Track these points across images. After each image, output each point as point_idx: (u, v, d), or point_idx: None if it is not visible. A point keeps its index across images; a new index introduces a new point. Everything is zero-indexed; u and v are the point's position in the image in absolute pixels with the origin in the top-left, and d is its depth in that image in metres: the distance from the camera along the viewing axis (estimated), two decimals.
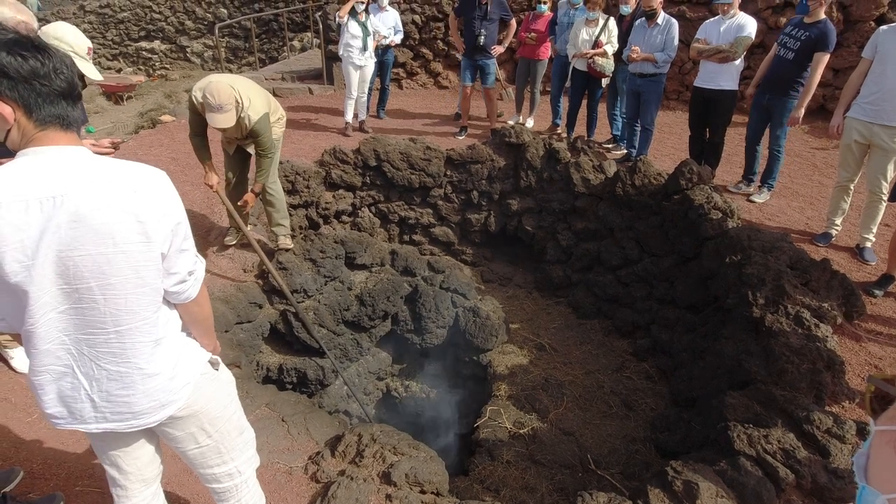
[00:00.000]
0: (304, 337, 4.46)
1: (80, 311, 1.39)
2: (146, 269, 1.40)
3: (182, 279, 1.52)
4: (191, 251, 1.52)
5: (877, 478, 0.66)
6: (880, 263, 4.05)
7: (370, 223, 5.92)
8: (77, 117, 1.39)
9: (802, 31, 4.49)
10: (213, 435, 1.76)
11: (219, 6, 15.13)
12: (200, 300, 1.64)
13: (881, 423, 0.67)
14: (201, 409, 1.69)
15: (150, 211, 1.36)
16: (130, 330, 1.45)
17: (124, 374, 1.49)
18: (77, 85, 1.38)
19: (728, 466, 2.61)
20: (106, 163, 1.38)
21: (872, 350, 3.35)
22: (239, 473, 1.91)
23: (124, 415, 1.54)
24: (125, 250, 1.35)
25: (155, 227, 1.37)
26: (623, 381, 4.45)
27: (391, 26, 7.13)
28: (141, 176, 1.39)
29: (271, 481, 2.85)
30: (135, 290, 1.41)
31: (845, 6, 6.82)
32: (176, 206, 1.44)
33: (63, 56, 1.36)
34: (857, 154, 4.09)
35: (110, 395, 1.51)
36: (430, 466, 3.05)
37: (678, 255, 4.61)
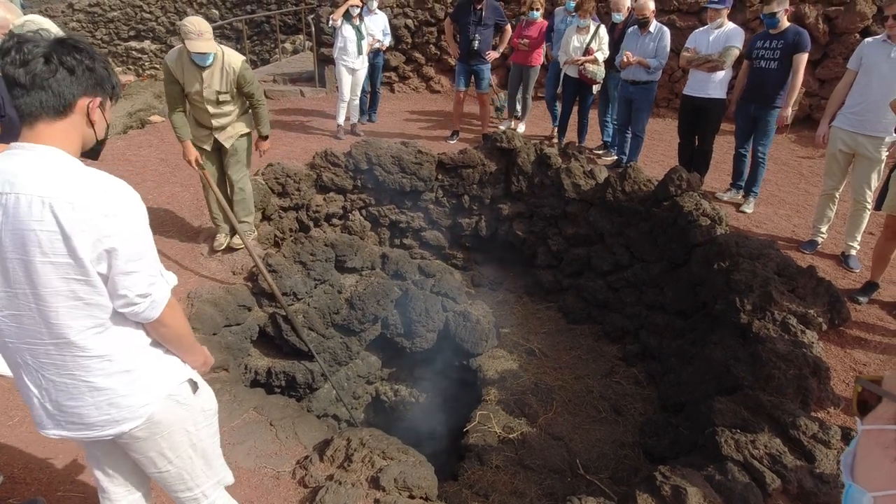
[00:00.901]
0: (294, 340, 4.43)
1: (19, 319, 1.37)
2: (78, 284, 1.34)
3: (130, 302, 1.41)
4: (141, 273, 1.40)
5: (863, 476, 0.67)
6: (864, 271, 4.12)
7: (361, 226, 5.90)
8: (27, 106, 1.33)
9: (776, 40, 4.61)
10: (174, 461, 1.66)
11: (210, 7, 15.06)
12: (166, 321, 1.50)
13: (868, 422, 0.69)
14: (162, 432, 1.59)
15: (81, 230, 1.29)
16: (68, 344, 1.40)
17: (70, 385, 1.45)
18: (31, 70, 1.32)
19: (715, 471, 2.63)
20: (62, 172, 1.32)
21: (857, 356, 3.40)
22: (205, 497, 1.81)
23: (77, 425, 1.50)
24: (53, 262, 1.30)
25: (83, 247, 1.30)
26: (612, 385, 4.47)
27: (380, 29, 7.16)
28: (88, 194, 1.31)
29: (258, 486, 2.83)
30: (66, 303, 1.35)
31: (831, 18, 6.94)
32: (119, 228, 1.33)
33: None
34: (841, 163, 4.16)
35: (60, 405, 1.47)
36: (419, 471, 3.04)
37: (667, 262, 4.65)
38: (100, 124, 1.47)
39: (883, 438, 0.65)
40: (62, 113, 1.37)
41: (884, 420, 0.66)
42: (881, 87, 3.79)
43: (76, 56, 1.36)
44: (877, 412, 0.68)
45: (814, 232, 4.47)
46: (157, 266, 1.48)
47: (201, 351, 1.72)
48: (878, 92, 3.82)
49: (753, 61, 4.80)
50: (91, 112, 1.42)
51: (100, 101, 1.44)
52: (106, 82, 1.46)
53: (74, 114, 1.39)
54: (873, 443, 0.67)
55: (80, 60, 1.37)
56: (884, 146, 3.88)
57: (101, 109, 1.46)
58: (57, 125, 1.37)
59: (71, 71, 1.35)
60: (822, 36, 6.95)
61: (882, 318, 3.67)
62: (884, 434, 0.65)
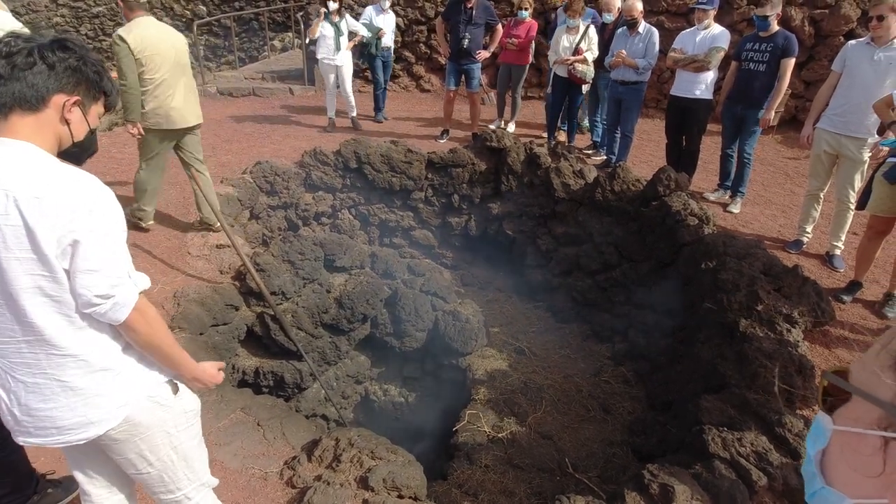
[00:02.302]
0: (282, 340, 4.39)
1: None
2: (44, 280, 1.31)
3: (89, 302, 1.35)
4: (102, 272, 1.34)
5: (841, 480, 0.63)
6: (848, 270, 4.17)
7: (350, 225, 5.87)
8: (1, 95, 1.32)
9: (766, 43, 4.66)
10: (154, 464, 1.62)
11: (198, 3, 14.89)
12: (134, 326, 1.44)
13: (842, 423, 0.63)
14: (142, 434, 1.55)
15: (45, 225, 1.27)
16: (40, 341, 1.36)
17: (42, 385, 1.40)
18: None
19: (703, 469, 2.65)
20: (28, 167, 1.30)
21: (841, 354, 3.44)
22: (187, 499, 1.77)
23: (48, 430, 1.45)
24: (18, 257, 1.28)
25: (47, 242, 1.28)
26: (601, 385, 4.49)
27: (391, 28, 7.30)
28: (55, 188, 1.29)
29: (245, 487, 2.80)
30: (34, 299, 1.32)
31: (816, 21, 7.03)
32: (83, 224, 1.30)
33: None
34: (826, 164, 4.21)
35: (30, 408, 1.42)
36: (407, 471, 3.03)
37: (656, 261, 4.68)
38: (78, 125, 1.45)
39: (864, 444, 0.59)
40: (35, 107, 1.35)
41: (864, 423, 0.60)
42: (863, 89, 3.84)
43: (59, 54, 1.36)
44: (852, 411, 0.62)
45: (799, 232, 4.52)
46: (125, 267, 1.43)
47: (186, 363, 1.61)
48: (860, 94, 3.86)
49: (742, 63, 4.84)
50: (67, 110, 1.40)
51: (77, 100, 1.41)
52: (93, 85, 1.44)
53: (49, 109, 1.37)
54: (852, 447, 0.61)
55: (62, 58, 1.36)
56: (866, 147, 3.94)
57: (83, 111, 1.45)
58: (29, 119, 1.35)
59: (50, 66, 1.35)
60: (808, 38, 7.04)
61: (865, 317, 3.72)
62: (864, 439, 0.59)
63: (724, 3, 6.86)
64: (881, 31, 3.72)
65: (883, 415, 0.57)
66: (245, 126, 7.34)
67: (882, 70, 3.77)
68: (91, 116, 1.49)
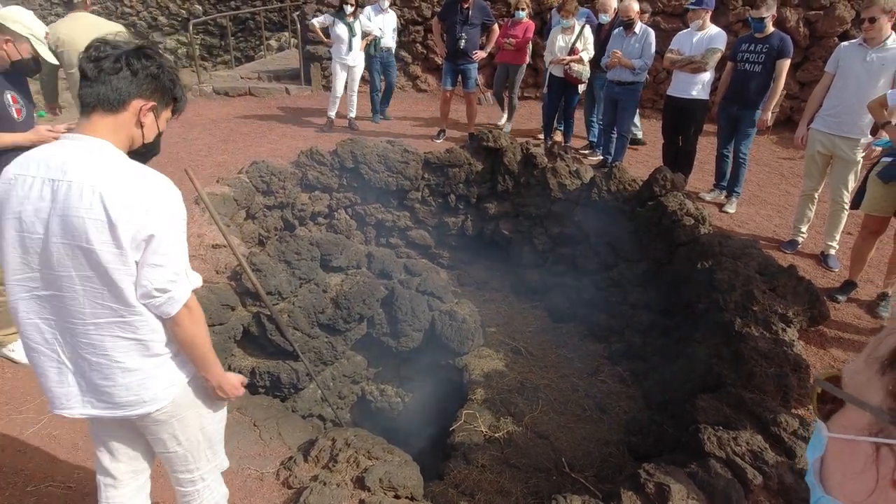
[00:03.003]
0: (278, 340, 4.38)
1: (61, 299, 1.45)
2: (118, 272, 1.42)
3: (149, 293, 1.46)
4: (166, 268, 1.46)
5: (836, 488, 0.62)
6: (843, 270, 4.19)
7: (346, 225, 5.86)
8: (87, 96, 1.45)
9: (762, 44, 4.68)
10: (182, 443, 1.74)
11: (193, 2, 14.85)
12: (180, 322, 1.54)
13: (836, 430, 0.62)
14: (178, 415, 1.68)
15: (126, 220, 1.38)
16: (109, 324, 1.48)
17: (104, 365, 1.52)
18: (90, 66, 1.45)
19: (699, 468, 2.66)
20: (112, 165, 1.42)
21: (836, 354, 3.46)
22: (202, 480, 1.90)
23: (107, 404, 1.58)
24: (98, 249, 1.39)
25: (125, 236, 1.39)
26: (597, 384, 4.49)
27: (392, 27, 7.22)
28: (134, 185, 1.41)
29: (242, 487, 2.79)
30: (107, 287, 1.44)
31: (811, 22, 7.07)
32: (157, 221, 1.42)
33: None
34: (820, 164, 4.24)
35: (92, 383, 1.55)
36: (404, 471, 3.02)
37: (652, 261, 4.69)
38: (150, 128, 1.57)
39: (857, 451, 0.59)
40: (116, 109, 1.47)
41: (856, 430, 0.59)
42: (856, 90, 3.87)
43: (143, 62, 1.49)
44: (845, 418, 0.62)
45: (794, 232, 4.54)
46: (184, 265, 1.54)
47: (216, 367, 1.68)
48: (853, 94, 3.89)
49: (738, 64, 4.86)
50: (142, 114, 1.52)
51: (152, 105, 1.54)
52: (167, 93, 1.57)
53: (127, 112, 1.49)
54: (847, 455, 0.60)
55: (145, 66, 1.49)
56: (859, 147, 3.96)
57: (155, 115, 1.57)
58: (108, 119, 1.47)
59: (134, 73, 1.47)
60: (803, 39, 7.07)
61: (860, 317, 3.74)
62: (859, 446, 0.58)
63: (719, 5, 6.88)
64: (873, 32, 3.76)
65: (873, 420, 0.57)
66: (241, 126, 7.32)
67: (875, 71, 3.80)
68: (161, 121, 1.61)
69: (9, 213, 1.41)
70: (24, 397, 3.02)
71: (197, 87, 8.97)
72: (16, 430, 2.81)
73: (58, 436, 2.81)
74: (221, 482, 2.06)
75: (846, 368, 0.64)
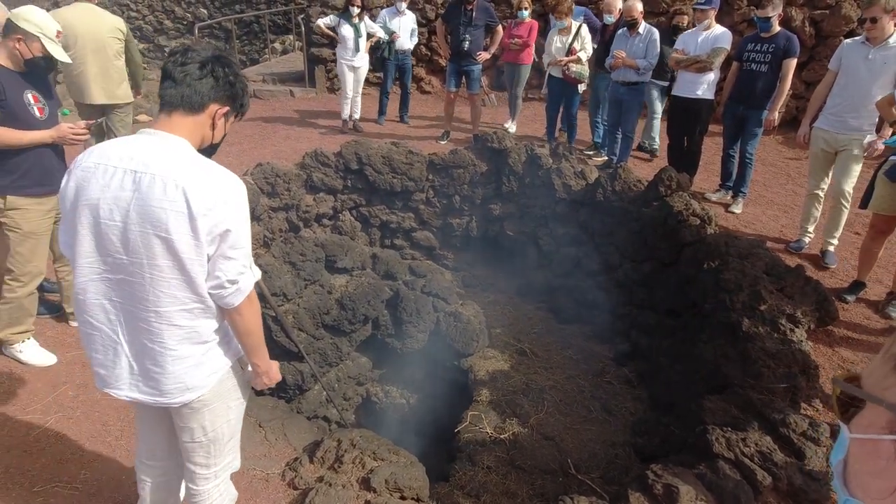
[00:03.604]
0: (283, 341, 4.38)
1: (131, 284, 1.53)
2: (192, 262, 1.50)
3: (221, 284, 1.55)
4: (237, 261, 1.55)
5: (863, 491, 0.61)
6: (850, 270, 4.16)
7: (351, 227, 5.86)
8: (170, 96, 1.55)
9: (768, 44, 4.65)
10: (209, 434, 1.80)
11: (199, 6, 14.93)
12: (243, 312, 1.64)
13: (857, 430, 0.62)
14: (211, 405, 1.75)
15: (205, 213, 1.46)
16: (169, 313, 1.55)
17: (157, 352, 1.60)
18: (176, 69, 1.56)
19: (707, 469, 2.63)
20: (192, 162, 1.52)
21: (845, 354, 3.43)
22: (216, 477, 1.95)
23: (153, 390, 1.65)
24: (176, 240, 1.46)
25: (204, 229, 1.47)
26: (603, 385, 4.47)
27: (409, 29, 7.17)
28: (213, 181, 1.51)
29: (247, 488, 2.79)
30: (178, 277, 1.51)
31: (817, 22, 7.04)
32: (233, 215, 1.52)
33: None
34: (823, 162, 4.21)
35: (144, 367, 1.63)
36: (410, 472, 3.01)
37: (657, 261, 4.67)
38: (219, 131, 1.70)
39: (879, 450, 0.58)
40: (196, 110, 1.58)
41: (876, 429, 0.59)
42: (858, 88, 3.85)
43: (225, 70, 1.60)
44: (865, 418, 0.61)
45: (801, 232, 4.51)
46: (250, 258, 1.64)
47: (266, 355, 1.82)
48: (855, 92, 3.87)
49: (743, 63, 4.84)
50: (217, 117, 1.64)
51: (226, 110, 1.66)
52: (238, 98, 1.69)
53: (204, 114, 1.60)
54: (868, 455, 0.60)
55: (226, 74, 1.61)
56: (861, 145, 3.92)
57: (225, 118, 1.68)
58: (188, 119, 1.58)
59: (216, 79, 1.59)
60: (809, 39, 7.04)
61: (869, 317, 3.71)
62: (879, 445, 0.58)
63: (724, 4, 6.86)
64: (875, 31, 3.74)
65: (893, 417, 0.57)
66: (246, 128, 7.34)
67: (876, 69, 3.78)
68: (228, 124, 1.74)
69: (85, 199, 1.49)
70: (31, 398, 3.03)
71: None
72: (22, 431, 2.82)
73: (64, 436, 2.82)
74: (231, 485, 2.09)
75: (866, 368, 0.64)
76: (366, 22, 6.69)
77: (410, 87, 7.80)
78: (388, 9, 7.14)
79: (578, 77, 5.90)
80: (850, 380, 0.65)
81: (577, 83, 6.01)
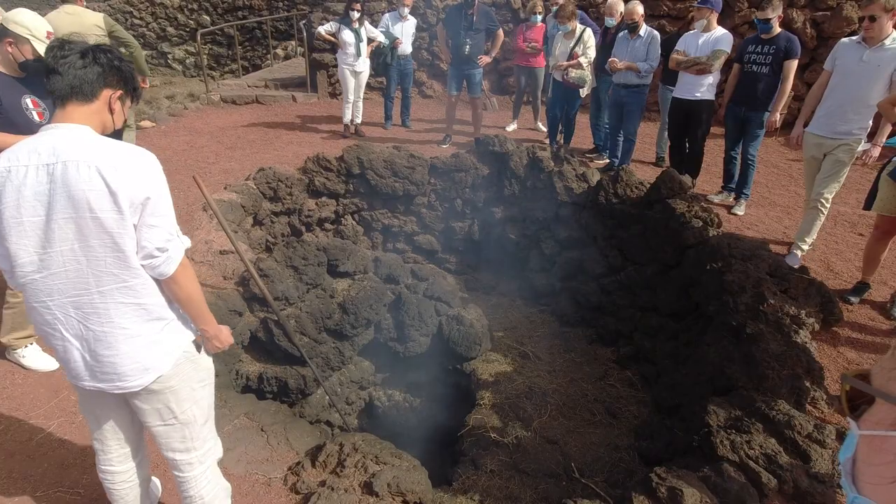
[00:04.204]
0: (286, 345, 4.38)
1: (67, 274, 1.57)
2: (122, 236, 1.55)
3: (150, 254, 1.59)
4: (162, 228, 1.60)
5: (871, 488, 0.61)
6: (855, 272, 4.14)
7: (353, 231, 5.87)
8: (59, 89, 1.59)
9: (769, 45, 4.64)
10: (178, 416, 1.84)
11: (201, 13, 15.03)
12: (178, 279, 1.68)
13: (866, 426, 0.62)
14: (173, 386, 1.78)
15: (122, 185, 1.51)
16: (111, 291, 1.60)
17: (108, 333, 1.64)
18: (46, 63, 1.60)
19: (711, 472, 2.62)
20: (98, 143, 1.56)
21: (849, 356, 3.40)
22: (200, 463, 1.99)
23: (110, 375, 1.69)
24: (102, 218, 1.51)
25: (125, 201, 1.51)
26: (606, 389, 4.45)
27: (411, 34, 7.23)
28: (123, 156, 1.55)
29: (249, 492, 2.78)
30: (112, 253, 1.56)
31: (818, 23, 7.03)
32: (150, 183, 1.56)
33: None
34: (816, 170, 4.14)
35: (97, 355, 1.66)
36: (412, 476, 3.00)
37: (660, 264, 4.65)
38: (119, 115, 1.74)
39: (888, 446, 0.59)
40: (89, 98, 1.62)
41: (885, 425, 0.59)
42: (850, 90, 3.78)
43: (108, 55, 1.65)
44: (874, 415, 0.61)
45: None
46: (176, 227, 1.68)
47: (213, 319, 1.86)
48: (847, 95, 3.79)
49: (744, 65, 4.83)
50: (112, 101, 1.68)
51: (120, 94, 1.70)
52: (129, 81, 1.73)
53: (99, 101, 1.64)
54: (877, 451, 0.60)
55: (109, 59, 1.65)
56: (850, 150, 3.86)
57: (122, 103, 1.73)
58: (84, 108, 1.61)
59: (101, 66, 1.62)
60: (810, 40, 7.04)
61: (873, 318, 3.69)
62: (889, 441, 0.58)
63: (725, 6, 6.86)
64: (873, 31, 3.66)
65: None
66: (248, 133, 7.37)
67: (870, 72, 3.70)
68: (126, 108, 1.78)
69: (5, 204, 1.51)
70: (34, 403, 3.04)
71: (205, 96, 9.05)
72: (25, 436, 2.82)
73: (66, 441, 2.82)
74: (220, 475, 2.11)
75: (876, 366, 0.64)
76: (366, 27, 6.72)
77: (411, 92, 7.81)
78: (391, 14, 7.16)
79: (578, 82, 5.90)
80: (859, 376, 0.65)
81: (576, 88, 6.02)
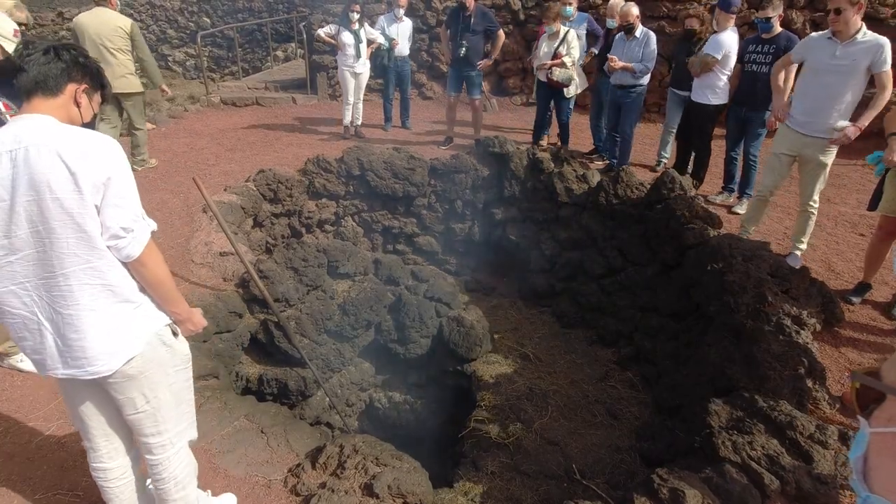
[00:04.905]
0: (286, 347, 4.37)
1: (32, 257, 1.59)
2: (83, 217, 1.57)
3: (116, 234, 1.62)
4: (126, 209, 1.62)
5: (884, 486, 0.60)
6: (856, 272, 4.13)
7: (353, 232, 5.86)
8: (25, 83, 1.63)
9: (769, 45, 4.64)
10: (150, 401, 1.85)
11: (201, 15, 15.06)
12: (145, 261, 1.70)
13: (878, 424, 0.62)
14: (147, 372, 1.79)
15: (82, 167, 1.54)
16: (75, 272, 1.61)
17: (74, 316, 1.65)
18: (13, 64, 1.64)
19: (713, 473, 2.60)
20: (59, 129, 1.60)
21: (851, 356, 3.40)
22: (171, 444, 1.99)
23: (80, 360, 1.69)
24: (62, 198, 1.54)
25: (86, 182, 1.54)
26: (607, 390, 4.44)
27: (407, 36, 7.20)
28: (83, 139, 1.59)
29: (249, 494, 2.77)
30: (74, 234, 1.58)
31: (818, 24, 7.03)
32: (111, 164, 1.60)
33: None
34: (783, 164, 4.08)
35: (66, 338, 1.67)
36: (413, 477, 2.99)
37: (660, 264, 4.64)
38: (86, 109, 1.77)
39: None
40: (54, 92, 1.65)
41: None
42: (826, 89, 3.69)
43: (71, 52, 1.70)
44: (885, 412, 0.61)
45: (741, 231, 4.53)
46: (140, 209, 1.70)
47: (183, 303, 1.88)
48: (823, 94, 3.71)
49: (745, 65, 4.83)
50: (78, 95, 1.71)
51: (85, 88, 1.73)
52: (94, 77, 1.77)
53: (64, 95, 1.68)
54: (888, 448, 0.60)
55: (73, 56, 1.69)
56: (829, 150, 3.80)
57: (88, 97, 1.76)
58: (49, 102, 1.65)
59: (65, 62, 1.67)
60: None
61: (875, 319, 3.68)
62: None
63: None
64: (839, 25, 3.52)
65: None
66: (248, 135, 7.37)
67: (845, 68, 3.59)
68: (94, 103, 1.81)
69: None
70: (33, 406, 3.03)
71: (205, 98, 9.06)
72: (24, 439, 2.81)
73: (66, 444, 2.81)
74: (190, 453, 2.12)
75: (887, 362, 0.63)
76: (366, 28, 6.72)
77: (410, 93, 7.81)
78: (387, 15, 7.17)
79: (563, 80, 5.89)
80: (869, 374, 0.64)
81: (561, 87, 6.00)
